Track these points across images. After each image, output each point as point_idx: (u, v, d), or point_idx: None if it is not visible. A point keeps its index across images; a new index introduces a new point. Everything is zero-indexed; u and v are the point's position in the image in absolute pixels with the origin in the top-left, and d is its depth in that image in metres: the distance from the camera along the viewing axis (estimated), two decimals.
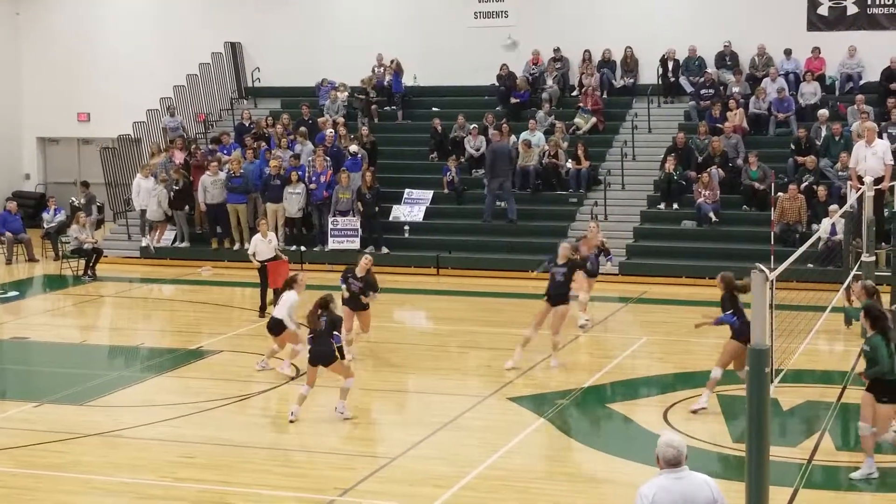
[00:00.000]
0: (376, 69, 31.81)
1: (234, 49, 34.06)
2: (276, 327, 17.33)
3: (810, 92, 28.58)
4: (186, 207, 29.02)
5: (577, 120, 29.48)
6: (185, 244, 28.90)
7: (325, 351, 15.00)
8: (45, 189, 35.77)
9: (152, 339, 21.31)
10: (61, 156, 36.55)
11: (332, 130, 29.27)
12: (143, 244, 28.82)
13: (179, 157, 29.96)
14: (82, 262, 26.95)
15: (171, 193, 28.80)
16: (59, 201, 31.28)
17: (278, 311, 17.28)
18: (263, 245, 21.59)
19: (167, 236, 29.14)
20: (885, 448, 13.03)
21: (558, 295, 17.73)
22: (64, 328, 22.17)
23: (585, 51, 30.77)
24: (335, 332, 15.07)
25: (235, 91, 34.18)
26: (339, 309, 16.49)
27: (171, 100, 32.51)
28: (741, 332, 14.64)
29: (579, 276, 19.30)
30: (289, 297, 17.21)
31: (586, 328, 20.25)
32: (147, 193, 28.77)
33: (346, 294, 17.93)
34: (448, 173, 28.39)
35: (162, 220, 28.97)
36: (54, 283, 26.74)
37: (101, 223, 31.69)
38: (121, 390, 17.03)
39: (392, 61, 31.51)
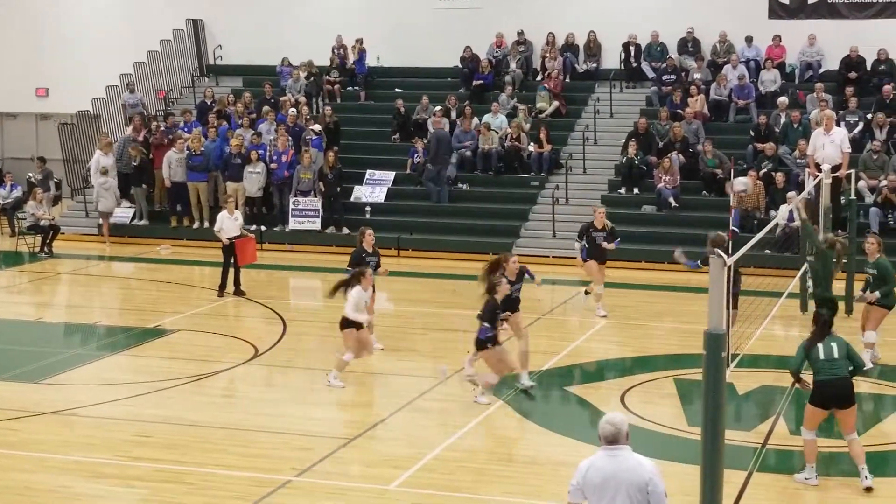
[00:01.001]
0: (336, 50, 31.68)
1: (196, 26, 33.83)
2: (348, 324, 15.99)
3: (770, 79, 28.74)
4: (144, 186, 28.79)
5: (540, 104, 29.50)
6: (143, 222, 28.71)
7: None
8: (1, 164, 35.42)
9: (109, 317, 21.17)
10: (19, 131, 36.18)
11: (294, 110, 29.15)
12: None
13: (138, 133, 29.72)
14: (39, 238, 26.73)
15: (130, 170, 28.60)
16: (15, 177, 30.95)
17: (347, 310, 15.94)
18: (230, 222, 21.55)
19: (126, 213, 28.85)
20: None
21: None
22: (20, 305, 22.02)
23: (549, 34, 30.80)
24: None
25: (197, 69, 33.95)
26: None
27: (131, 76, 32.26)
28: None
29: (592, 265, 19.61)
30: (355, 293, 15.94)
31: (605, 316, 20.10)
32: (99, 186, 28.39)
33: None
34: (415, 155, 28.33)
35: (112, 210, 28.61)
36: (10, 259, 26.51)
37: (58, 199, 31.43)
38: (76, 368, 16.92)
39: (358, 41, 31.41)
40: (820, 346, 12.19)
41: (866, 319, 16.93)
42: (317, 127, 28.34)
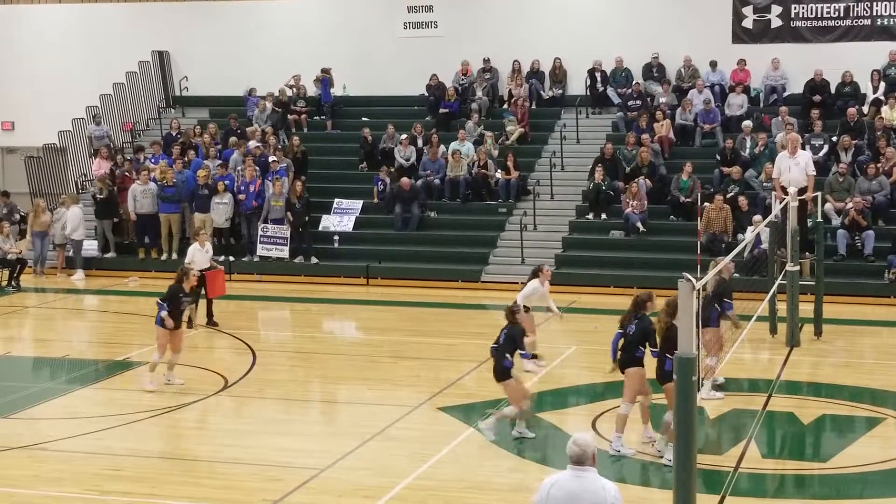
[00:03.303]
0: (293, 88, 31.67)
1: (162, 57, 33.80)
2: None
3: (737, 103, 28.95)
4: (111, 219, 28.65)
5: (508, 128, 29.61)
6: (110, 254, 28.55)
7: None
8: None
9: (78, 350, 21.02)
10: None
11: (254, 141, 29.12)
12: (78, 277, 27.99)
13: (105, 166, 29.65)
14: (6, 272, 26.54)
15: (95, 204, 28.50)
16: None
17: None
18: (201, 255, 21.52)
19: (88, 246, 28.67)
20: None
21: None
22: None
23: (515, 61, 30.92)
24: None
25: (163, 100, 33.91)
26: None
27: (97, 108, 32.17)
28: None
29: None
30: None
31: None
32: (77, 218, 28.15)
33: None
34: (380, 183, 28.35)
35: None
36: None
37: (24, 233, 31.19)
38: (45, 403, 16.77)
39: (323, 70, 31.44)
40: None
41: None
42: (273, 157, 28.19)
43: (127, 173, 28.80)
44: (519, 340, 14.55)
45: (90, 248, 28.68)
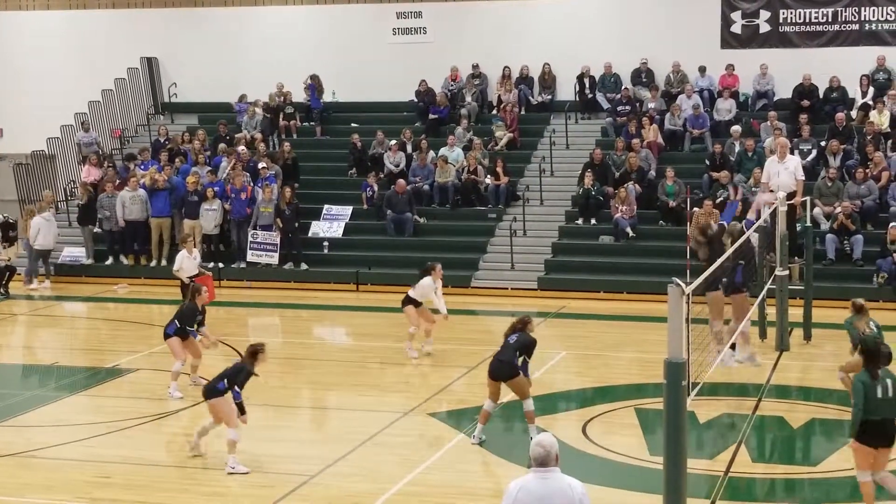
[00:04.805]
0: (276, 97, 31.65)
1: (151, 64, 33.76)
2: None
3: (725, 108, 28.99)
4: (90, 226, 28.59)
5: (497, 133, 29.63)
6: (89, 261, 28.41)
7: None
8: None
9: (67, 357, 20.98)
10: None
11: (244, 147, 29.09)
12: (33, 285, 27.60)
13: (95, 173, 29.60)
14: None
15: (78, 209, 28.47)
16: None
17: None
18: (189, 262, 21.51)
19: (77, 253, 28.62)
20: None
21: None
22: None
23: (504, 67, 30.93)
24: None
25: (152, 106, 33.87)
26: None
27: (86, 115, 32.12)
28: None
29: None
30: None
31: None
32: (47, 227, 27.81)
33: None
34: (368, 189, 28.36)
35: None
36: None
37: (13, 240, 31.15)
38: (34, 410, 16.74)
39: (312, 77, 31.44)
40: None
41: None
42: (262, 164, 28.14)
43: (110, 181, 28.58)
44: (530, 349, 14.71)
45: (78, 254, 28.59)
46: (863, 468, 11.65)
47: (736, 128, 27.80)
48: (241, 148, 29.06)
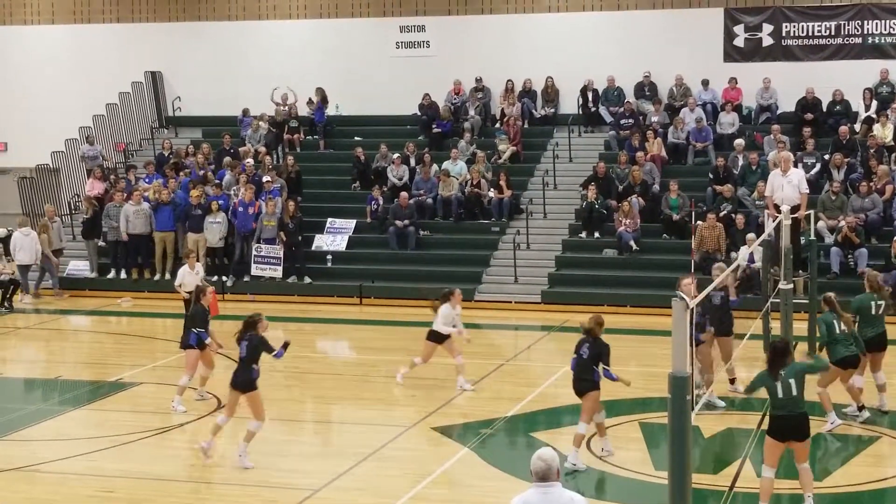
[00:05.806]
0: (280, 108, 31.69)
1: (155, 78, 33.82)
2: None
3: (728, 122, 29.01)
4: (95, 239, 28.64)
5: (500, 146, 29.65)
6: (93, 274, 28.43)
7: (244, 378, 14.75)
8: None
9: (70, 371, 20.97)
10: None
11: (250, 160, 29.13)
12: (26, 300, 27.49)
13: (99, 186, 29.63)
14: None
15: (82, 224, 28.47)
16: None
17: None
18: (190, 276, 21.47)
19: (82, 266, 28.64)
20: None
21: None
22: None
23: (507, 81, 30.96)
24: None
25: (156, 120, 33.92)
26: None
27: (90, 129, 32.17)
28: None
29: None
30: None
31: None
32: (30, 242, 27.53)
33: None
34: (373, 202, 28.36)
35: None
36: None
37: None
38: (38, 424, 16.73)
39: (318, 90, 31.48)
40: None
41: None
42: (266, 177, 28.16)
43: (116, 193, 28.59)
44: (605, 356, 14.64)
45: (83, 268, 28.62)
46: (767, 463, 12.37)
47: (739, 141, 27.82)
48: (248, 161, 29.08)
